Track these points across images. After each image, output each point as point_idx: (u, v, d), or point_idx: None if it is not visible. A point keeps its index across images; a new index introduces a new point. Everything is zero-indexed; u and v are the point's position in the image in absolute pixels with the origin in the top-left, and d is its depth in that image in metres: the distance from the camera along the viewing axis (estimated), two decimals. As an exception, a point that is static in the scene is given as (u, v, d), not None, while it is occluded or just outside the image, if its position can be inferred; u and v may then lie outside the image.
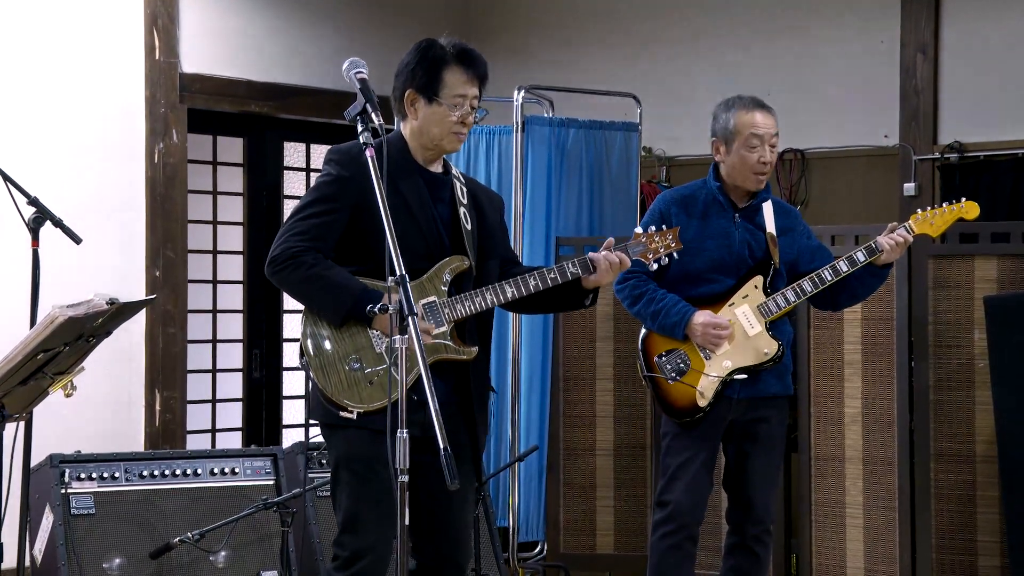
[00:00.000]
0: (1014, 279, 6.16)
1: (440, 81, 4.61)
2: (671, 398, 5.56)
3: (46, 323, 3.99)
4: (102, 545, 6.08)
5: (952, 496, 6.19)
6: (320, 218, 4.53)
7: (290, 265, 4.49)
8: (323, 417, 4.56)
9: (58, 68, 7.54)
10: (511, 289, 4.65)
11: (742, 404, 5.57)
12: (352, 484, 4.54)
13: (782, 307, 5.57)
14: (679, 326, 5.49)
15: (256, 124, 8.60)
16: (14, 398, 4.18)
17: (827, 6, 8.27)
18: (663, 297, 5.51)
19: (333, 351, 4.52)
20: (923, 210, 5.66)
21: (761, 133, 5.58)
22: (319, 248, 4.51)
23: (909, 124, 7.97)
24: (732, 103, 5.64)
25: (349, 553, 4.53)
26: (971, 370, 6.16)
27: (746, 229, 5.62)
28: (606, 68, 8.75)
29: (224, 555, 6.22)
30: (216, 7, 8.23)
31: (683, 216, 5.58)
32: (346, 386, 4.49)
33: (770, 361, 5.56)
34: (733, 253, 5.59)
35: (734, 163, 5.60)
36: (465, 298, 4.61)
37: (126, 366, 7.71)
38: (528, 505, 7.54)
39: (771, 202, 5.66)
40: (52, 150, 7.40)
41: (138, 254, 7.85)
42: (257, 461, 6.51)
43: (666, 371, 5.54)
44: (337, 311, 4.50)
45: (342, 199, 4.52)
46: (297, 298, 4.62)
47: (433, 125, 4.62)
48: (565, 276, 4.70)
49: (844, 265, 5.54)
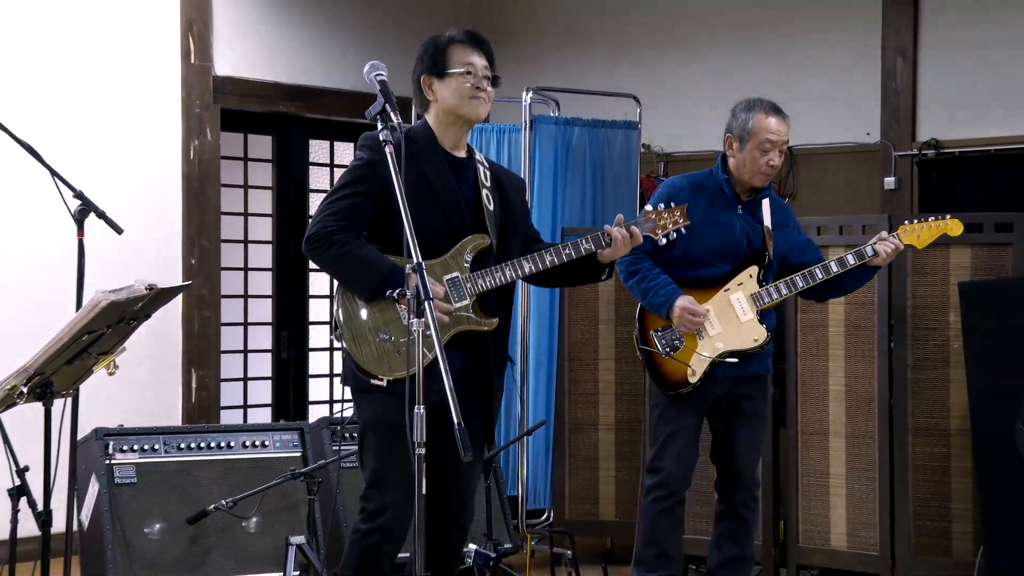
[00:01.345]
0: (986, 266, 6.16)
1: (446, 57, 4.62)
2: (664, 371, 5.56)
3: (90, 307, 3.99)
4: (143, 512, 6.09)
5: (928, 467, 6.18)
6: (352, 199, 4.54)
7: (324, 243, 4.51)
8: (355, 383, 4.58)
9: (101, 72, 7.55)
10: (529, 264, 4.65)
11: (727, 382, 5.58)
12: (378, 446, 4.55)
13: (775, 298, 5.57)
14: (664, 306, 5.49)
15: (284, 123, 8.61)
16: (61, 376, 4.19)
17: (814, 14, 8.27)
18: (656, 276, 5.51)
19: (364, 324, 4.52)
20: (910, 222, 5.66)
21: (775, 139, 5.56)
22: (351, 227, 4.52)
23: (890, 123, 7.97)
24: (753, 105, 5.61)
25: (374, 507, 4.54)
26: (946, 351, 6.16)
27: (747, 221, 5.62)
28: (608, 71, 8.74)
29: (255, 521, 6.24)
30: (247, 15, 8.24)
31: (693, 204, 5.56)
32: (376, 357, 4.50)
33: (759, 347, 5.58)
34: (733, 242, 5.58)
35: (744, 160, 5.59)
36: (486, 273, 4.61)
37: (164, 347, 7.73)
38: (536, 476, 7.55)
39: (769, 198, 5.67)
40: (96, 148, 7.42)
41: (175, 243, 7.87)
42: (285, 435, 6.52)
43: (661, 346, 5.54)
44: (366, 287, 4.51)
45: (373, 182, 4.53)
46: (330, 273, 4.65)
47: (449, 96, 4.60)
48: (579, 251, 4.70)
49: (835, 266, 5.55)
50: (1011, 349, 5.69)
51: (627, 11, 8.90)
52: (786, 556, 6.48)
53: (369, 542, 4.57)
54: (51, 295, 6.49)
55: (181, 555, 6.10)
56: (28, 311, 6.78)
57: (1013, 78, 7.63)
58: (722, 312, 5.54)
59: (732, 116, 5.66)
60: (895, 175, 7.89)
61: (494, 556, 6.29)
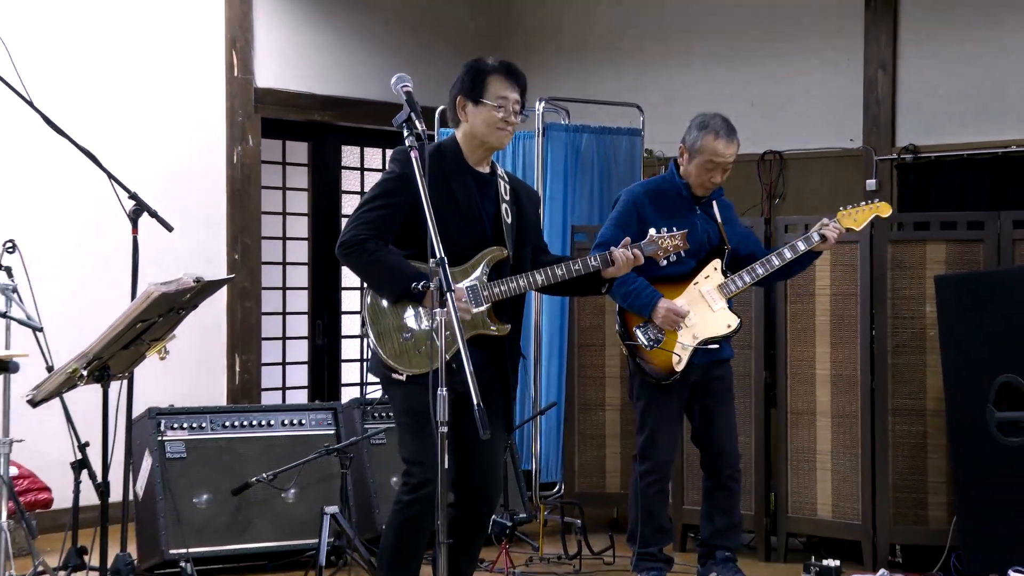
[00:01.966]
0: (960, 261, 6.15)
1: (484, 86, 4.63)
2: (651, 362, 5.57)
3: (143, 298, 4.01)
4: (192, 483, 6.12)
5: (906, 444, 6.18)
6: (383, 210, 4.56)
7: (356, 250, 4.53)
8: (381, 374, 4.62)
9: (154, 84, 7.58)
10: (541, 277, 4.67)
11: (702, 368, 5.60)
12: (414, 429, 4.57)
13: (740, 287, 5.61)
14: (646, 308, 5.50)
15: (318, 130, 8.63)
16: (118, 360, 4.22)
17: (801, 30, 8.26)
18: (633, 281, 5.49)
19: (389, 324, 4.55)
20: (844, 208, 5.68)
21: (718, 161, 5.56)
22: (381, 236, 4.54)
23: (871, 129, 7.96)
24: (706, 124, 5.58)
25: (417, 481, 4.56)
26: (923, 338, 6.15)
27: (704, 219, 5.65)
28: (613, 82, 8.74)
29: (293, 492, 6.26)
30: (285, 31, 8.26)
31: (652, 208, 5.57)
32: (398, 353, 4.53)
33: (732, 333, 5.60)
34: (696, 240, 5.55)
35: (690, 172, 5.61)
36: (501, 282, 4.63)
37: (211, 334, 7.76)
38: (548, 452, 7.56)
39: (716, 197, 5.69)
40: (148, 153, 7.44)
41: (220, 240, 7.90)
42: (320, 414, 6.53)
43: (646, 339, 5.54)
44: (392, 291, 4.53)
45: (402, 194, 4.54)
46: (361, 277, 4.66)
47: (479, 123, 4.63)
48: (588, 268, 4.73)
49: (789, 253, 5.57)
50: (982, 337, 5.69)
51: (631, 28, 8.90)
52: (777, 525, 6.48)
53: (412, 511, 4.60)
54: (108, 287, 6.53)
55: (226, 523, 6.13)
56: (88, 302, 6.81)
57: (984, 89, 7.62)
58: (695, 304, 5.55)
59: (688, 130, 5.65)
60: (876, 178, 7.88)
61: (510, 524, 6.32)
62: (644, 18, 8.87)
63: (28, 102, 5.52)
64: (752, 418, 6.43)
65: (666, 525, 5.79)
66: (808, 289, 6.37)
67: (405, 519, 4.61)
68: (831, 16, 8.14)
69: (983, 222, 6.17)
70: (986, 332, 5.67)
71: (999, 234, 6.09)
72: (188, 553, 5.93)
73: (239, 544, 6.13)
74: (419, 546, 4.68)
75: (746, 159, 8.13)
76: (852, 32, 8.02)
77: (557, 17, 9.25)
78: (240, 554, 6.13)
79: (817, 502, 6.37)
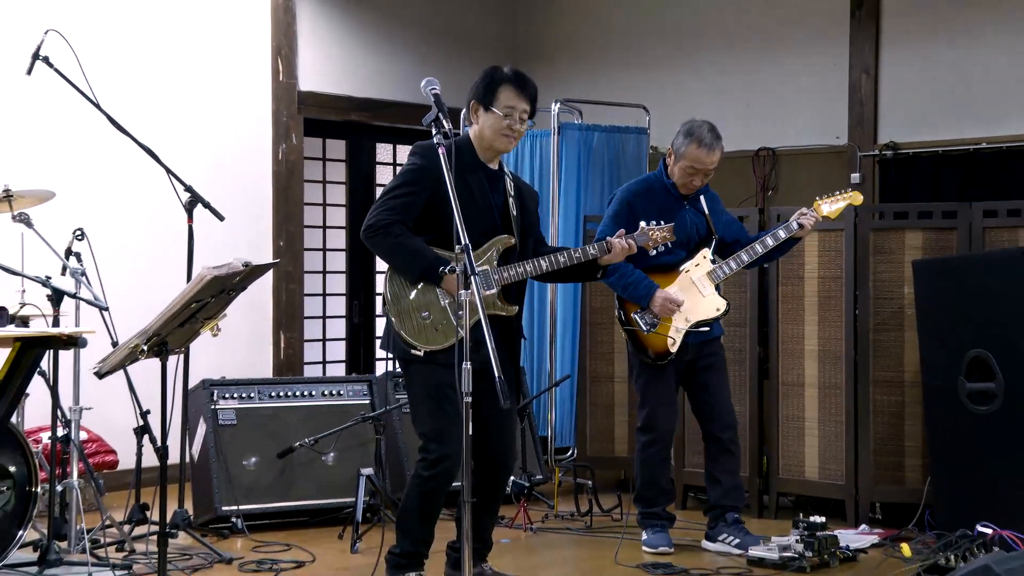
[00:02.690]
0: (935, 247, 6.14)
1: (495, 95, 4.63)
2: (648, 345, 5.57)
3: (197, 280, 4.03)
4: (242, 448, 6.15)
5: (886, 412, 6.18)
6: (405, 198, 4.57)
7: (381, 233, 4.55)
8: (401, 353, 4.62)
9: (207, 89, 7.60)
10: (545, 263, 4.70)
11: (695, 347, 5.61)
12: (432, 405, 4.57)
13: (727, 273, 5.61)
14: (645, 298, 5.50)
15: (355, 130, 8.64)
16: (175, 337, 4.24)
17: (793, 38, 8.23)
18: (632, 272, 5.49)
19: (410, 303, 4.57)
20: (820, 198, 5.67)
21: (699, 168, 5.55)
22: (403, 221, 4.55)
23: (855, 128, 7.94)
24: (692, 132, 5.54)
25: (435, 456, 4.57)
26: (901, 316, 6.15)
27: (693, 213, 5.64)
28: (622, 85, 8.73)
29: (332, 456, 6.28)
30: (325, 41, 8.27)
31: (645, 205, 5.57)
32: (417, 331, 4.54)
33: (721, 315, 5.61)
34: (685, 232, 5.57)
35: (675, 173, 5.60)
36: (510, 268, 4.65)
37: (258, 313, 7.79)
38: (562, 420, 7.57)
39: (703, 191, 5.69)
40: (203, 151, 7.47)
41: (266, 228, 7.92)
42: (356, 385, 6.56)
43: (643, 324, 5.55)
44: (414, 273, 4.55)
45: (423, 184, 4.56)
46: (384, 259, 4.66)
47: (487, 128, 4.65)
48: (587, 255, 4.77)
49: (771, 240, 5.57)
50: (955, 315, 5.68)
51: (639, 36, 8.88)
52: (768, 485, 6.49)
53: (431, 486, 4.61)
54: (166, 271, 6.56)
55: (272, 483, 6.16)
56: (148, 284, 6.85)
57: (957, 92, 7.59)
58: (686, 290, 5.55)
59: (677, 133, 5.61)
60: (860, 172, 7.86)
61: (528, 485, 6.35)
62: (650, 27, 8.85)
63: (96, 105, 5.57)
64: (747, 389, 6.44)
65: (668, 487, 5.80)
66: (798, 272, 6.37)
67: (425, 492, 4.62)
68: (820, 25, 8.12)
69: (956, 212, 6.16)
70: (958, 311, 5.67)
71: (971, 223, 6.08)
72: (238, 510, 5.98)
73: (284, 502, 6.16)
74: (437, 509, 4.70)
75: (742, 155, 8.12)
76: (838, 40, 7.99)
77: (572, 26, 9.24)
78: (284, 511, 6.16)
79: (805, 465, 6.38)
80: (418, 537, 4.69)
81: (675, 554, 5.56)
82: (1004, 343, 5.49)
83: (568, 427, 7.55)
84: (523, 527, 6.11)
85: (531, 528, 6.11)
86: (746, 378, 6.45)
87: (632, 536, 5.71)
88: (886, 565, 5.27)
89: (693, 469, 6.53)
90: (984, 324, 5.57)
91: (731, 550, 5.56)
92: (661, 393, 5.63)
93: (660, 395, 5.63)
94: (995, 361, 5.50)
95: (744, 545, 5.50)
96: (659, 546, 5.61)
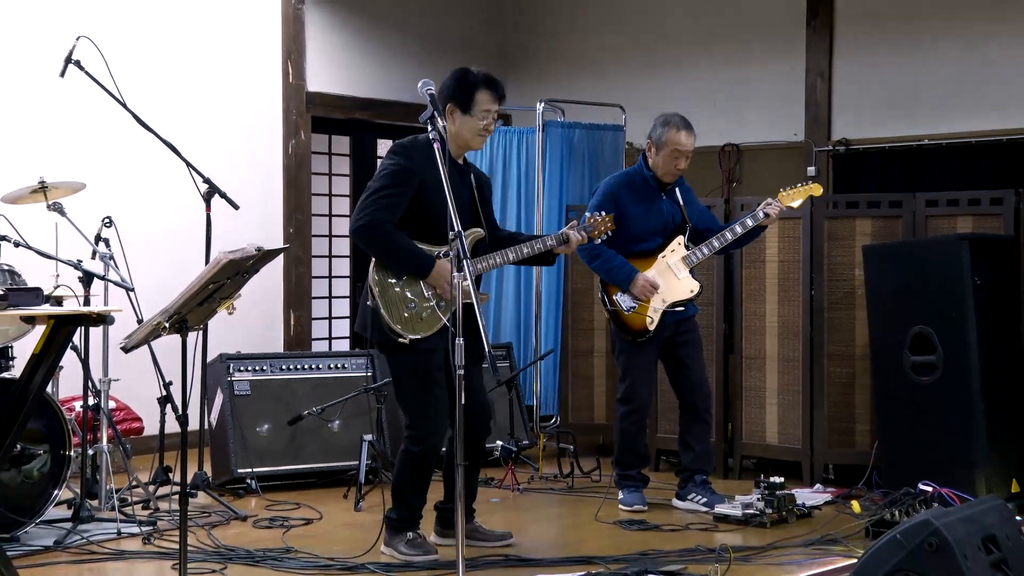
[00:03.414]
0: (883, 233, 6.15)
1: (473, 99, 4.60)
2: (629, 324, 5.57)
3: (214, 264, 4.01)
4: (255, 416, 6.15)
5: (838, 383, 6.19)
6: (391, 198, 4.53)
7: (376, 232, 4.52)
8: (384, 340, 4.57)
9: (224, 90, 7.58)
10: (513, 254, 4.72)
11: (672, 325, 5.61)
12: (416, 387, 4.57)
13: (700, 258, 5.62)
14: (626, 282, 5.50)
15: (359, 127, 8.61)
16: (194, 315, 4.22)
17: (755, 44, 8.22)
18: (613, 258, 5.51)
19: (395, 295, 4.55)
20: (784, 189, 5.67)
21: (682, 150, 5.55)
22: (391, 220, 4.53)
23: (811, 126, 7.94)
24: (669, 120, 5.56)
25: (421, 433, 4.58)
26: (853, 296, 6.16)
27: (669, 203, 5.64)
28: (601, 86, 8.70)
29: (338, 423, 6.29)
30: (331, 45, 8.24)
31: (628, 197, 5.57)
32: (404, 321, 4.52)
33: (695, 296, 5.61)
34: (663, 221, 5.59)
35: (658, 163, 5.59)
36: (484, 259, 4.65)
37: (270, 294, 7.77)
38: (546, 390, 7.58)
39: (678, 184, 5.68)
40: (219, 146, 7.44)
41: (277, 216, 7.90)
42: (359, 359, 6.55)
43: (624, 305, 5.56)
44: (405, 269, 4.54)
45: (407, 185, 4.53)
46: (378, 257, 4.60)
47: (465, 130, 4.61)
48: (546, 245, 4.80)
49: (739, 228, 5.58)
50: (900, 296, 5.70)
51: (616, 42, 8.86)
52: (732, 449, 6.51)
53: (420, 459, 4.62)
54: (186, 255, 6.54)
55: (283, 447, 6.16)
56: (170, 267, 6.83)
57: (903, 94, 7.59)
58: (663, 274, 5.56)
59: (653, 127, 5.61)
60: (815, 165, 7.86)
61: (515, 449, 6.36)
62: (627, 35, 8.83)
63: (123, 105, 5.54)
64: (713, 362, 6.44)
65: (644, 452, 5.81)
66: (760, 256, 6.38)
67: (415, 465, 4.63)
68: (779, 33, 8.11)
69: (902, 202, 6.17)
70: (903, 291, 5.68)
71: (914, 211, 6.09)
72: (252, 472, 5.98)
73: (293, 465, 6.16)
74: (428, 478, 4.71)
75: (709, 150, 8.12)
76: (796, 46, 7.99)
77: (556, 34, 9.21)
78: (294, 473, 6.17)
79: (766, 430, 6.40)
80: (412, 504, 4.70)
81: (648, 512, 5.57)
82: (944, 320, 5.51)
83: (552, 397, 7.56)
84: (511, 488, 6.12)
85: (518, 489, 6.12)
86: (712, 352, 6.45)
87: (610, 496, 5.73)
88: (838, 520, 5.29)
89: (666, 435, 6.54)
90: (926, 303, 5.59)
91: (699, 508, 5.57)
92: (640, 368, 5.63)
93: (639, 370, 5.63)
94: (936, 336, 5.52)
95: (711, 503, 5.51)
96: (634, 505, 5.62)
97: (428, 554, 4.63)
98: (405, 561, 4.61)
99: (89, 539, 4.92)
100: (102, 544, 4.88)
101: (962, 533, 3.82)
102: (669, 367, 5.76)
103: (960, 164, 7.32)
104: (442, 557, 4.65)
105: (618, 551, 4.78)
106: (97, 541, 4.91)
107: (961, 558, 3.60)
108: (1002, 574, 3.91)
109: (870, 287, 5.87)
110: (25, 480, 4.94)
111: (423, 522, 4.82)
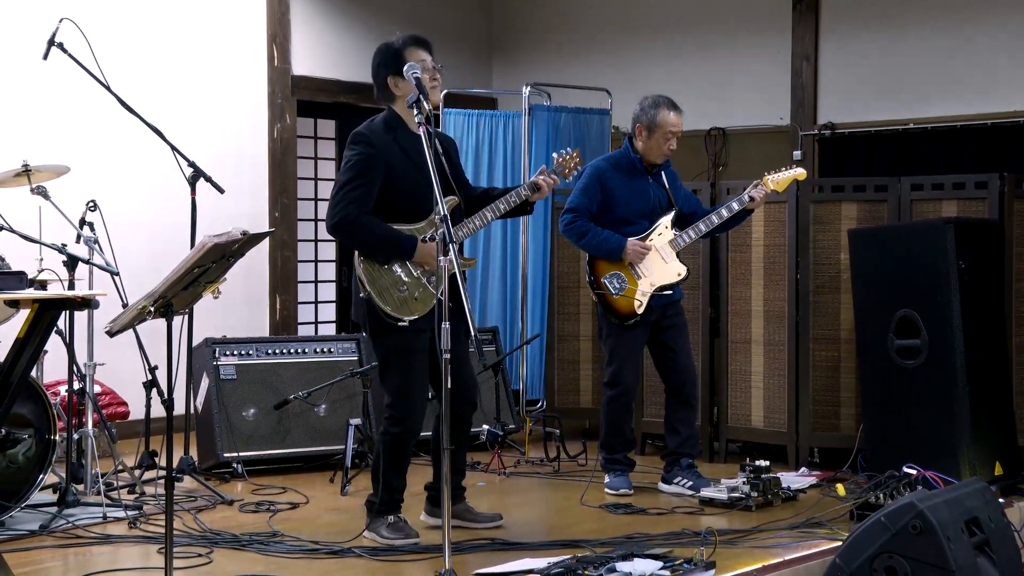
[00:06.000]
0: (868, 217, 6.16)
1: (402, 59, 4.55)
2: (617, 307, 5.57)
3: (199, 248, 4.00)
4: (241, 400, 6.15)
5: (824, 366, 6.20)
6: (360, 189, 4.51)
7: (353, 226, 4.51)
8: (375, 324, 4.58)
9: (208, 73, 7.55)
10: (491, 214, 4.71)
11: (659, 309, 5.60)
12: (401, 367, 4.57)
13: (687, 242, 5.62)
14: (617, 250, 5.50)
15: (344, 111, 8.58)
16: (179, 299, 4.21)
17: (741, 30, 8.23)
18: (600, 232, 5.51)
19: (385, 282, 4.55)
20: (769, 173, 5.67)
21: (674, 130, 5.55)
22: (364, 211, 4.52)
23: (797, 110, 7.95)
24: (659, 102, 5.55)
25: (401, 414, 4.58)
26: (838, 280, 6.17)
27: (655, 187, 5.63)
28: (587, 70, 8.70)
29: (324, 407, 6.28)
30: (317, 28, 8.21)
31: (614, 180, 5.57)
32: (399, 305, 4.53)
33: (682, 280, 5.61)
34: (649, 204, 5.58)
35: (650, 146, 5.58)
36: (464, 225, 4.65)
37: (256, 278, 7.76)
38: (533, 374, 7.60)
39: (664, 167, 5.68)
40: (205, 130, 7.42)
41: (263, 200, 7.89)
42: (345, 344, 6.55)
43: (612, 288, 5.55)
44: (389, 255, 4.53)
45: (374, 171, 4.52)
46: (359, 249, 4.59)
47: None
48: (521, 197, 4.76)
49: (725, 212, 5.58)
50: (886, 279, 5.71)
51: (602, 25, 8.85)
52: (718, 432, 6.52)
53: (401, 440, 4.61)
54: (171, 239, 6.53)
55: (269, 432, 6.16)
56: (154, 251, 6.82)
57: (888, 78, 7.62)
58: (650, 257, 5.56)
59: (641, 110, 5.58)
60: (801, 149, 7.88)
61: (502, 433, 6.37)
62: (613, 18, 8.82)
63: (107, 87, 5.52)
64: (699, 346, 6.45)
65: (630, 436, 5.81)
66: (746, 240, 6.39)
67: (394, 446, 4.62)
68: (765, 17, 8.11)
69: (887, 186, 6.18)
70: (888, 275, 5.70)
71: (900, 195, 6.10)
72: (238, 456, 5.98)
73: (280, 449, 6.16)
74: (407, 460, 4.71)
75: (695, 134, 8.13)
76: (782, 30, 8.00)
77: (541, 18, 9.20)
78: (280, 457, 6.16)
79: (751, 414, 6.41)
80: (393, 486, 4.70)
81: (634, 495, 5.58)
82: (928, 304, 5.52)
83: (538, 381, 7.57)
84: (497, 471, 6.13)
85: (505, 472, 6.13)
86: (699, 336, 6.46)
87: (596, 480, 5.74)
88: (823, 503, 5.31)
89: (651, 419, 6.56)
90: (911, 287, 5.60)
91: (685, 491, 5.58)
92: (627, 352, 5.63)
93: (626, 354, 5.63)
94: (920, 320, 5.53)
95: (697, 487, 5.53)
96: (620, 488, 5.63)
97: (409, 537, 4.63)
98: (387, 545, 4.61)
99: (75, 523, 4.91)
100: (88, 528, 4.87)
101: (946, 515, 3.84)
102: (655, 351, 5.76)
103: (945, 148, 7.35)
104: (425, 540, 4.65)
105: (604, 535, 4.79)
106: (83, 525, 4.90)
107: (945, 540, 3.63)
108: (985, 556, 3.94)
109: (855, 271, 5.88)
110: (10, 465, 4.93)
111: (412, 504, 4.81)
